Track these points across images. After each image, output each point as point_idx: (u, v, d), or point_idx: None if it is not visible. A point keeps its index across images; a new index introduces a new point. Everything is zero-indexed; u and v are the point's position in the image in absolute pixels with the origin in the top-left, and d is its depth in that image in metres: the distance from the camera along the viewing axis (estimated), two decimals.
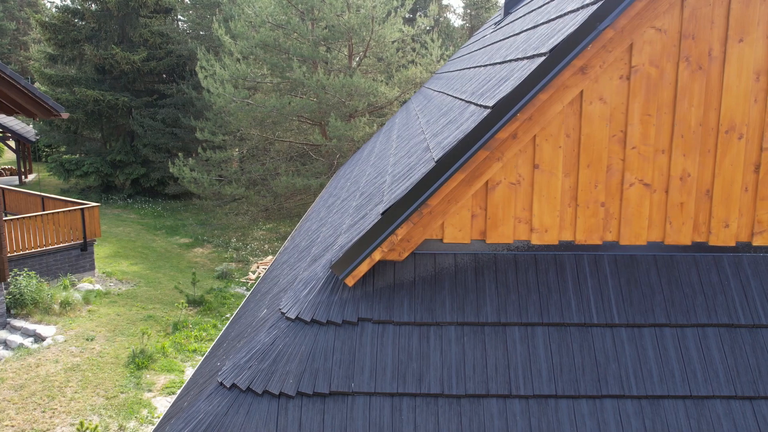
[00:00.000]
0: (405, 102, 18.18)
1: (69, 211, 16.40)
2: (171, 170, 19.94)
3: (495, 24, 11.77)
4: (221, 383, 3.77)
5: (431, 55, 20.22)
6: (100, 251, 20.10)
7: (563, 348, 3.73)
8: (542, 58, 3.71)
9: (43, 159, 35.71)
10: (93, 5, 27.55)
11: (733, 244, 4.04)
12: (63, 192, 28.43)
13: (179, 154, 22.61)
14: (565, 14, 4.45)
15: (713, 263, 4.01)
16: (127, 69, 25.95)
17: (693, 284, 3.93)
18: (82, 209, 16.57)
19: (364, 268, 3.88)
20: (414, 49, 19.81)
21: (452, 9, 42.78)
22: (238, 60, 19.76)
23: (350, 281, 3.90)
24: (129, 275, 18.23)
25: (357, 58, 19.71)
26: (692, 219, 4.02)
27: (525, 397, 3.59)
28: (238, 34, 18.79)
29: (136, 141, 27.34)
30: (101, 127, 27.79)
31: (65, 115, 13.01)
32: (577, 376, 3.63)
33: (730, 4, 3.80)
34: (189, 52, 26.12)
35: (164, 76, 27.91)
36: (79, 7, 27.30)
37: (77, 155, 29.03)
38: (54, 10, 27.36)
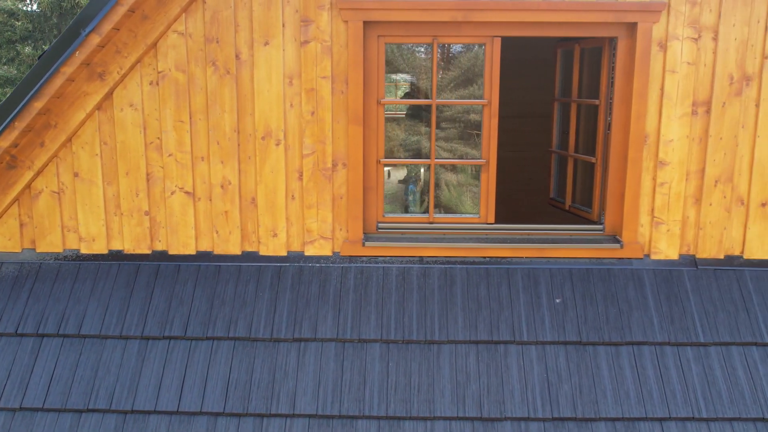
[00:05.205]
0: None
1: None
2: None
3: None
4: None
5: None
6: None
7: (88, 363, 3.64)
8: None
9: None
10: (33, 5, 27.55)
11: (285, 253, 3.95)
12: None
13: None
14: None
15: (236, 272, 3.91)
16: None
17: (228, 295, 3.84)
18: None
19: None
20: None
21: None
22: None
23: None
24: None
25: None
26: (239, 228, 3.92)
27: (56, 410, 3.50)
28: None
29: None
30: None
31: None
32: (89, 390, 3.54)
33: (252, 7, 3.70)
34: None
35: None
36: (13, 8, 27.30)
37: None
38: None
